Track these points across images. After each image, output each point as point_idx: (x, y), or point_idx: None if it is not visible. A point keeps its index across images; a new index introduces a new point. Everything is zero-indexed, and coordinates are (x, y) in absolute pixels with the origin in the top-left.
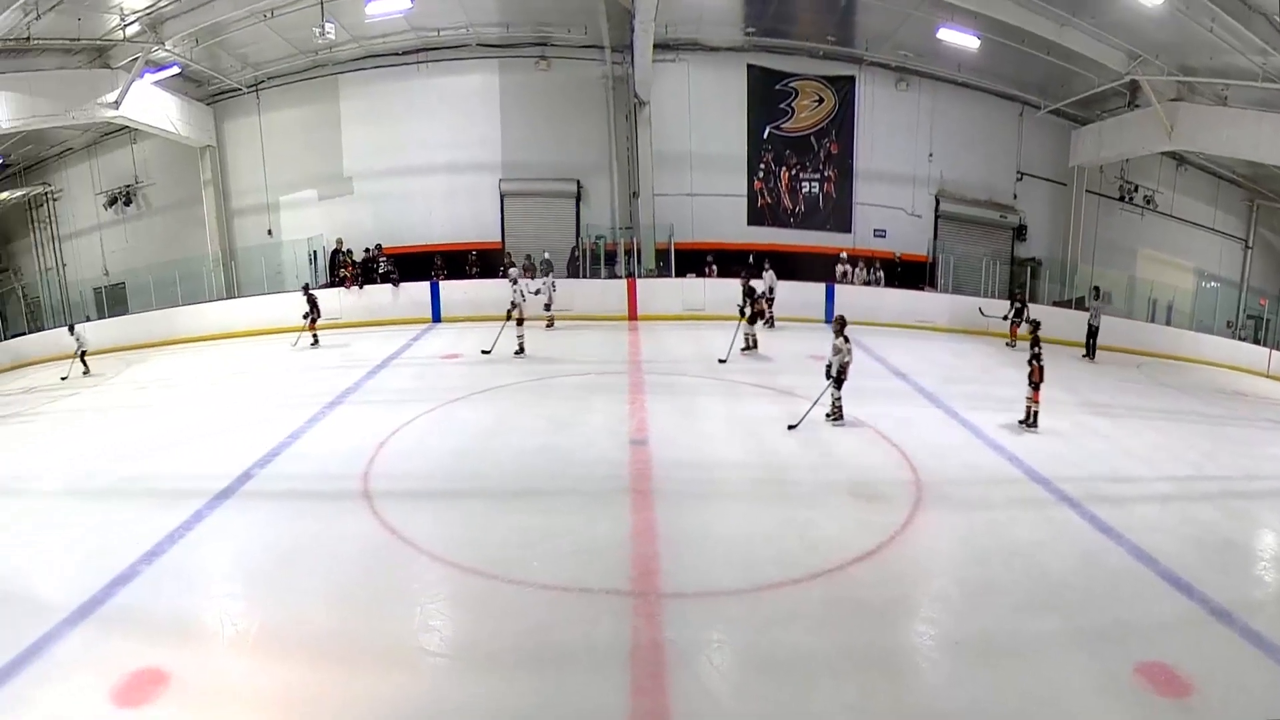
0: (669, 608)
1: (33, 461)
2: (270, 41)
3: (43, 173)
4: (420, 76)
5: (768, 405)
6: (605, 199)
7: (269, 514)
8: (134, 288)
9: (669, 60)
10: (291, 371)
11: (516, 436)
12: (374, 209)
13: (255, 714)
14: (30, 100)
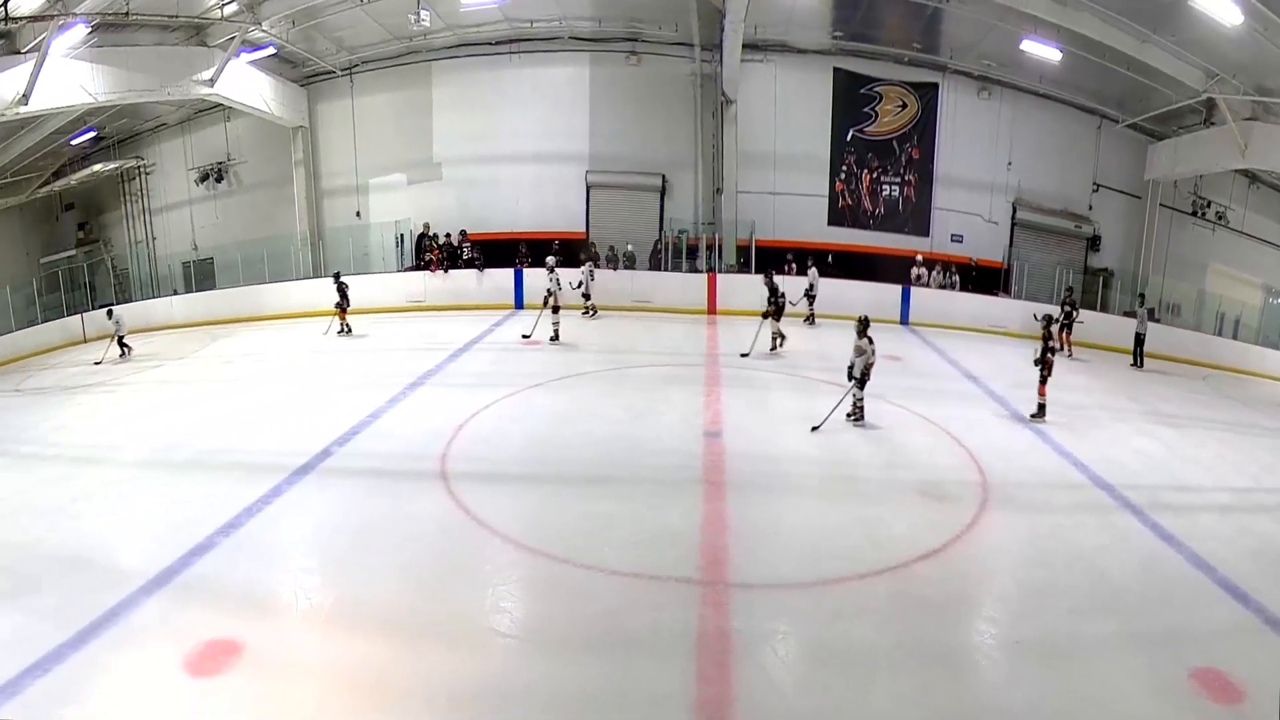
0: (736, 598)
1: (116, 431)
2: (366, 26)
3: (136, 146)
4: (512, 67)
5: (839, 401)
6: (689, 194)
7: (347, 491)
8: (222, 263)
9: (757, 60)
10: (374, 351)
11: (593, 424)
12: (461, 195)
13: (326, 688)
14: (127, 75)
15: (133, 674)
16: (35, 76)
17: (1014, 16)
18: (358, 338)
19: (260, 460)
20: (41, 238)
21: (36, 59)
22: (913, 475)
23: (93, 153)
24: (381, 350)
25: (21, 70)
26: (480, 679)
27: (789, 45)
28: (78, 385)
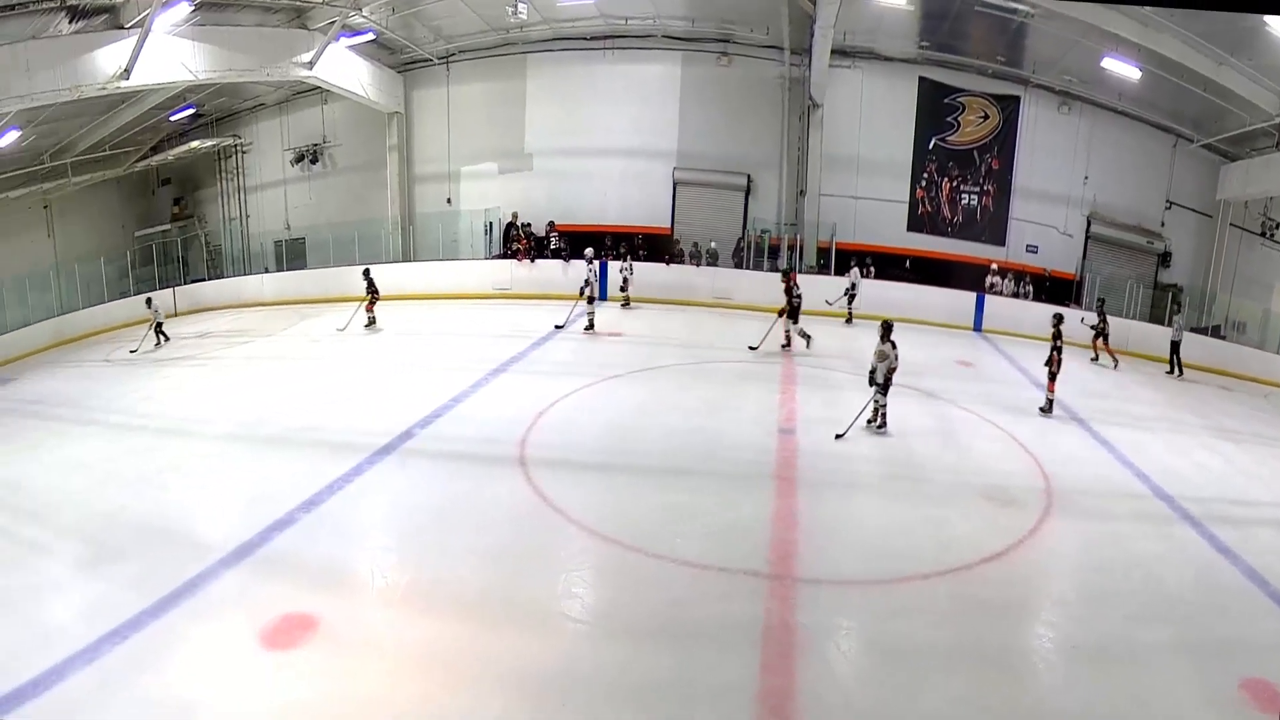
0: (803, 592)
1: (204, 405)
2: (464, 16)
3: (234, 125)
4: (605, 62)
5: (912, 405)
6: (773, 194)
7: (427, 473)
8: (313, 244)
9: (845, 66)
10: (459, 336)
11: (670, 416)
12: (550, 186)
13: (397, 666)
14: (227, 54)
15: (209, 644)
16: (137, 52)
17: (1096, 34)
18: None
19: (343, 439)
20: (137, 211)
21: (139, 35)
22: (979, 479)
23: (191, 129)
24: (466, 336)
25: (124, 45)
26: (549, 663)
27: (876, 53)
28: (166, 358)
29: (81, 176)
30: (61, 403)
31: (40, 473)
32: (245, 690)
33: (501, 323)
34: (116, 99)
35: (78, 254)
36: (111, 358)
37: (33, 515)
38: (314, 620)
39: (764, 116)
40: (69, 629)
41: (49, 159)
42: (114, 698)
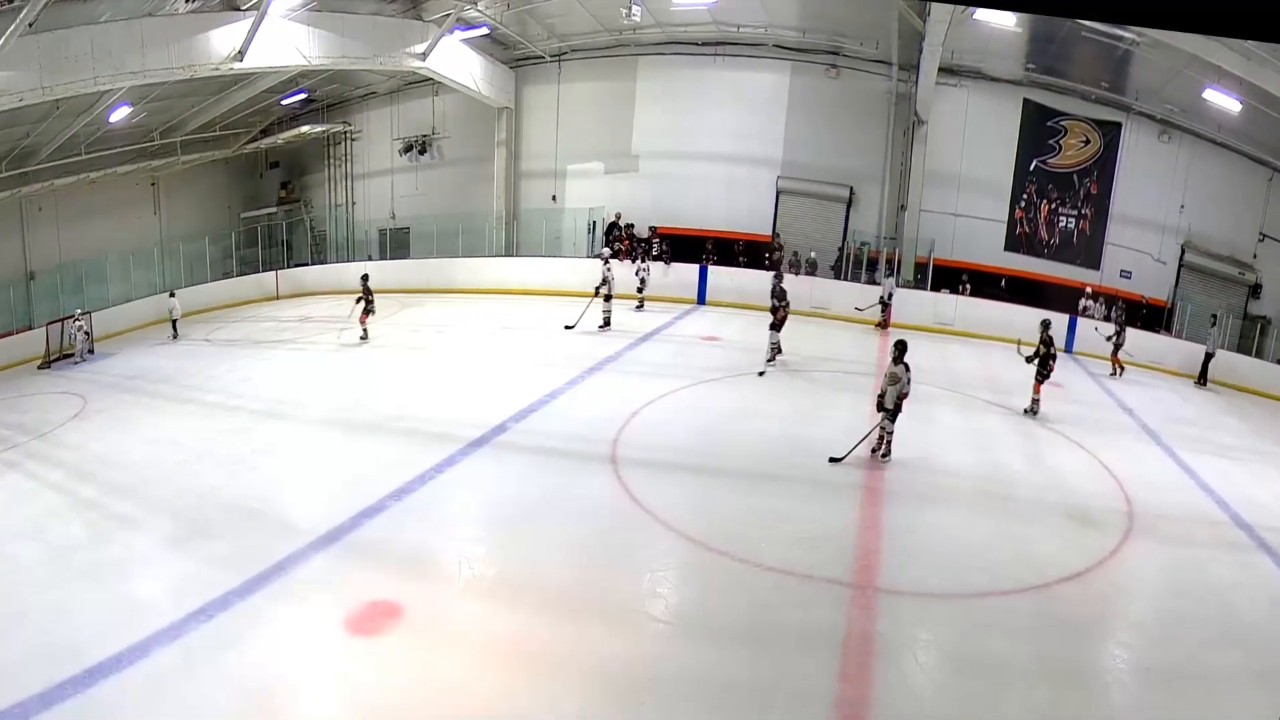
0: (884, 602)
1: (300, 388)
2: (578, 15)
3: (344, 112)
4: (715, 68)
5: (999, 422)
6: (874, 208)
7: (519, 467)
8: (417, 234)
9: (951, 84)
10: (558, 334)
11: (761, 422)
12: (654, 188)
13: (480, 657)
14: (341, 41)
15: (294, 626)
16: (252, 34)
17: (1199, 65)
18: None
19: (437, 429)
20: (244, 193)
21: (255, 17)
22: (1063, 499)
23: (301, 114)
24: (564, 334)
25: (239, 27)
26: (631, 660)
27: (983, 73)
28: (266, 340)
29: (190, 155)
30: (160, 379)
31: (135, 447)
32: (328, 674)
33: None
34: (229, 80)
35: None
36: (212, 337)
37: (125, 490)
38: (399, 608)
39: (869, 130)
40: (155, 605)
41: (159, 136)
42: (197, 676)
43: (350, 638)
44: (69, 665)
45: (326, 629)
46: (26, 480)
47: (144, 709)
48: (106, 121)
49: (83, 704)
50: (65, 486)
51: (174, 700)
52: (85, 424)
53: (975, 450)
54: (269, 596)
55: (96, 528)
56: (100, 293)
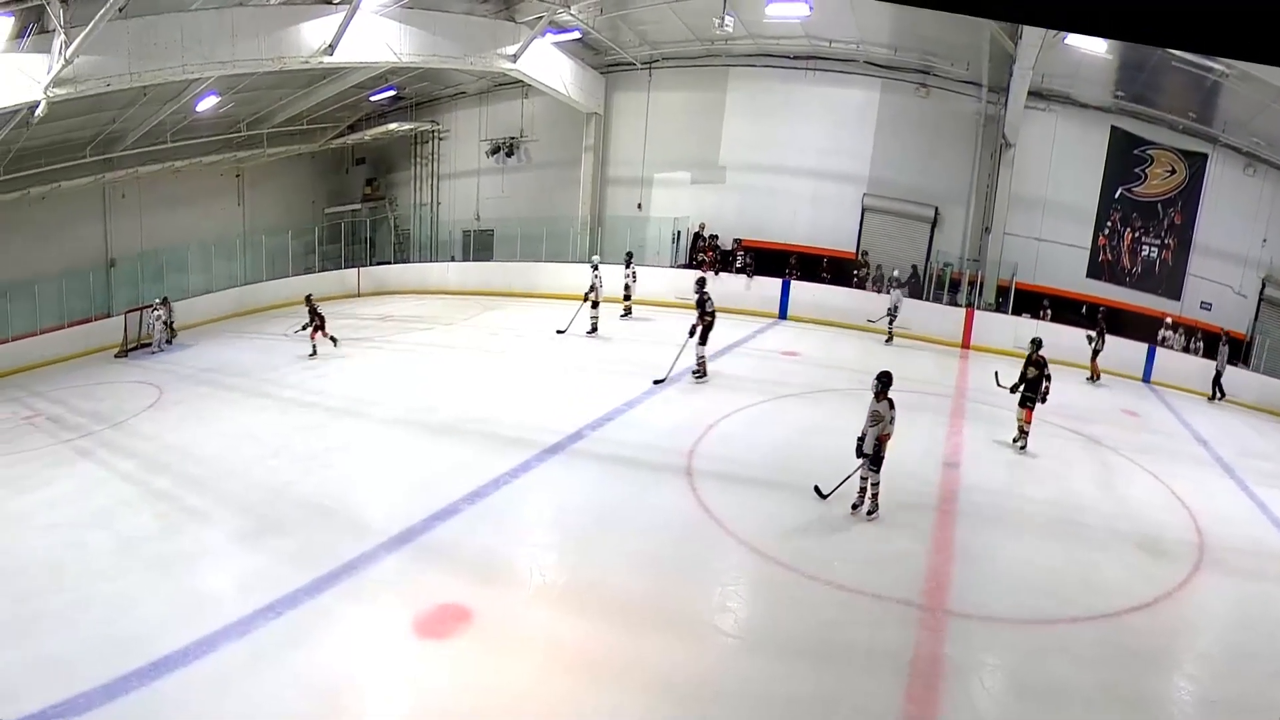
0: (953, 625)
1: (377, 387)
2: (670, 23)
3: (433, 111)
4: (806, 82)
5: (1076, 450)
6: (958, 229)
7: (593, 474)
8: (501, 236)
9: (1040, 109)
10: (638, 342)
11: (838, 439)
12: (740, 200)
13: (546, 664)
14: (432, 39)
15: (363, 626)
16: (343, 29)
17: None
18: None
19: (513, 434)
20: (328, 188)
21: (347, 11)
22: (1133, 527)
23: (390, 111)
24: (643, 342)
25: (330, 21)
26: (697, 673)
27: (1071, 98)
28: (344, 337)
29: (276, 148)
30: (237, 372)
31: (210, 440)
32: (395, 675)
33: (680, 332)
34: (318, 74)
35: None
36: (290, 333)
37: (198, 483)
38: (468, 612)
39: (956, 150)
40: (223, 600)
41: (245, 128)
42: (263, 673)
43: (419, 640)
44: (133, 657)
45: (395, 630)
46: (99, 469)
47: (208, 705)
48: (193, 110)
49: (146, 697)
50: (137, 477)
51: (239, 697)
52: (160, 414)
53: (1049, 475)
54: (338, 595)
55: (167, 519)
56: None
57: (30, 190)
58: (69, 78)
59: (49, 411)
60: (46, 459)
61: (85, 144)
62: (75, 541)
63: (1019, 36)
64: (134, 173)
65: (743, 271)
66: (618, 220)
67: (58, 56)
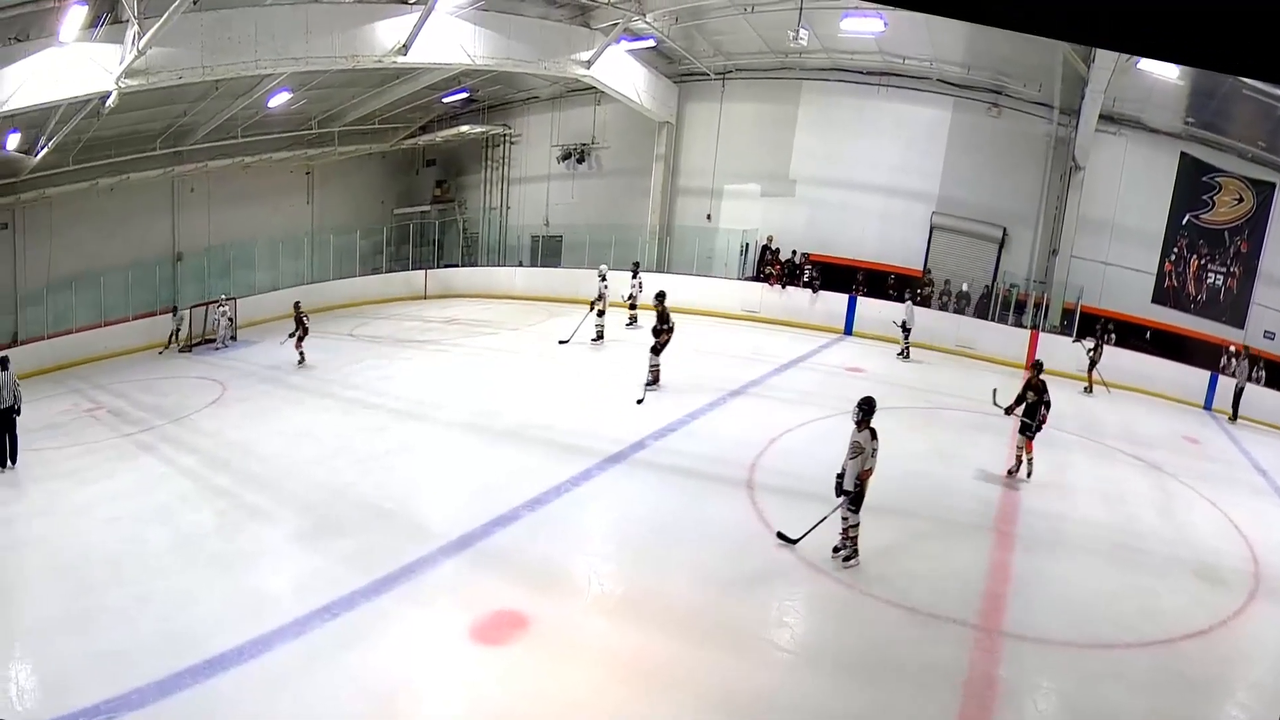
0: (1008, 646)
1: (440, 390)
2: (745, 35)
3: (505, 114)
4: (878, 98)
5: (1136, 475)
6: (1025, 250)
7: (654, 485)
8: (570, 243)
9: (1110, 132)
10: (702, 353)
11: (900, 458)
12: (810, 214)
13: (602, 673)
14: (507, 42)
15: (419, 630)
16: (418, 29)
17: None
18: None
19: (575, 442)
20: (398, 189)
21: (423, 12)
22: (1191, 555)
23: (462, 114)
24: (709, 354)
25: (405, 20)
26: (753, 687)
27: (1142, 123)
28: (409, 339)
29: (347, 147)
30: (300, 371)
31: (271, 439)
32: (450, 680)
33: (745, 345)
34: (391, 74)
35: (334, 224)
36: (356, 333)
37: (258, 481)
38: (525, 619)
39: (1026, 171)
40: (280, 599)
41: (316, 125)
42: (318, 674)
43: (475, 645)
44: (189, 654)
45: (452, 635)
46: (160, 464)
47: (263, 704)
48: (265, 106)
49: (201, 694)
50: (198, 473)
51: (293, 697)
52: (223, 411)
53: (1108, 500)
54: (396, 598)
55: (226, 517)
56: (246, 279)
57: (99, 181)
58: (141, 69)
59: (111, 404)
60: (108, 452)
61: (155, 136)
62: (135, 536)
63: (1092, 59)
64: (203, 167)
65: (809, 286)
66: (686, 230)
67: (130, 47)
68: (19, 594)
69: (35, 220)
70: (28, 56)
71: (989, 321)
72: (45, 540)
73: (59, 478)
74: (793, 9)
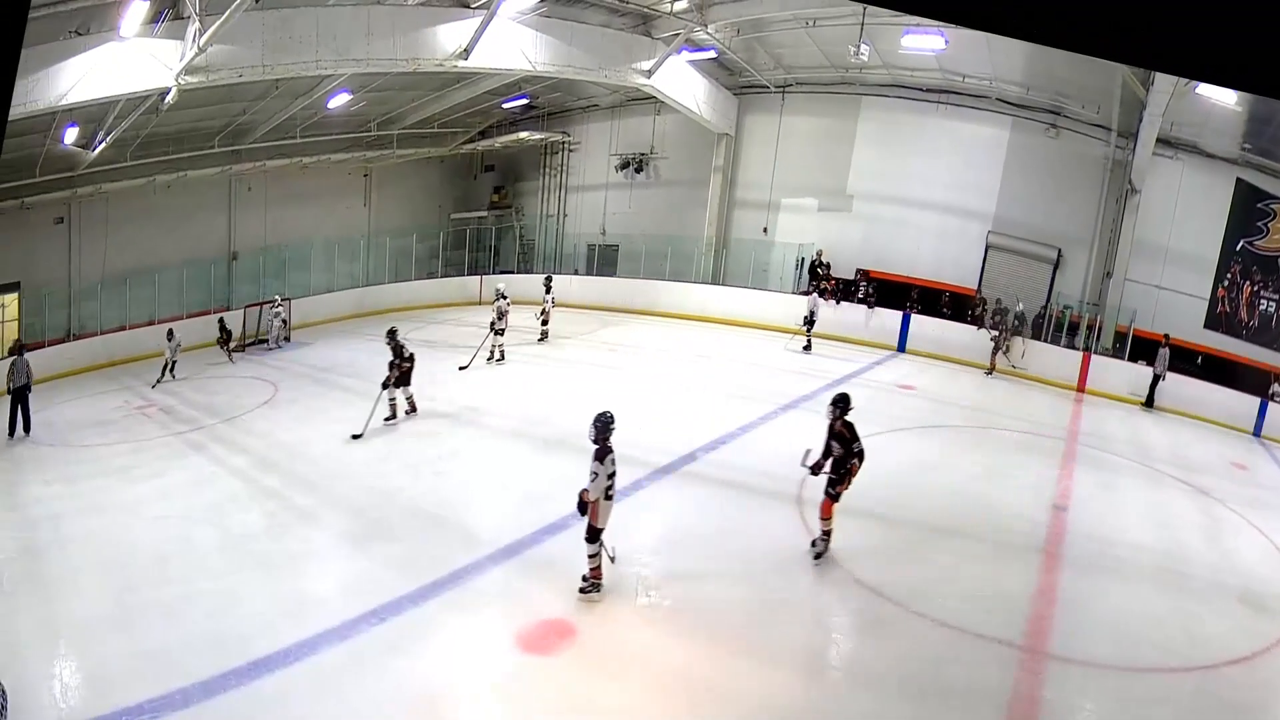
0: (1052, 668)
1: (492, 397)
2: (806, 49)
3: (564, 122)
4: (936, 116)
5: (1184, 500)
6: (1080, 272)
7: (703, 497)
8: (626, 252)
9: (1167, 156)
10: (754, 366)
11: (949, 475)
12: (865, 230)
13: (647, 685)
14: (568, 50)
15: (465, 637)
16: (479, 34)
17: None
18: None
19: (625, 452)
20: (455, 193)
21: (484, 17)
22: (1237, 580)
23: (521, 120)
24: (761, 367)
25: (467, 25)
26: (799, 704)
27: (1198, 147)
28: (463, 345)
29: (406, 150)
30: (353, 374)
31: (322, 441)
32: (494, 688)
33: (797, 359)
34: (451, 78)
35: (391, 227)
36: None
37: (308, 483)
38: (572, 628)
39: (1082, 193)
40: (327, 602)
41: (375, 128)
42: (363, 678)
43: (521, 654)
44: (234, 655)
45: (498, 643)
46: (210, 464)
47: (307, 707)
48: (324, 107)
49: (245, 696)
50: (248, 474)
51: (338, 701)
52: (274, 412)
53: (1156, 525)
54: (443, 605)
55: (275, 518)
56: (302, 280)
57: (156, 177)
58: (201, 66)
59: (162, 403)
60: (159, 450)
61: (214, 134)
62: (183, 535)
63: (1151, 82)
64: (261, 166)
65: (864, 302)
66: (742, 243)
67: (191, 44)
68: (65, 590)
69: (91, 216)
70: (87, 50)
71: (1041, 343)
72: (93, 537)
73: (109, 474)
74: (854, 24)
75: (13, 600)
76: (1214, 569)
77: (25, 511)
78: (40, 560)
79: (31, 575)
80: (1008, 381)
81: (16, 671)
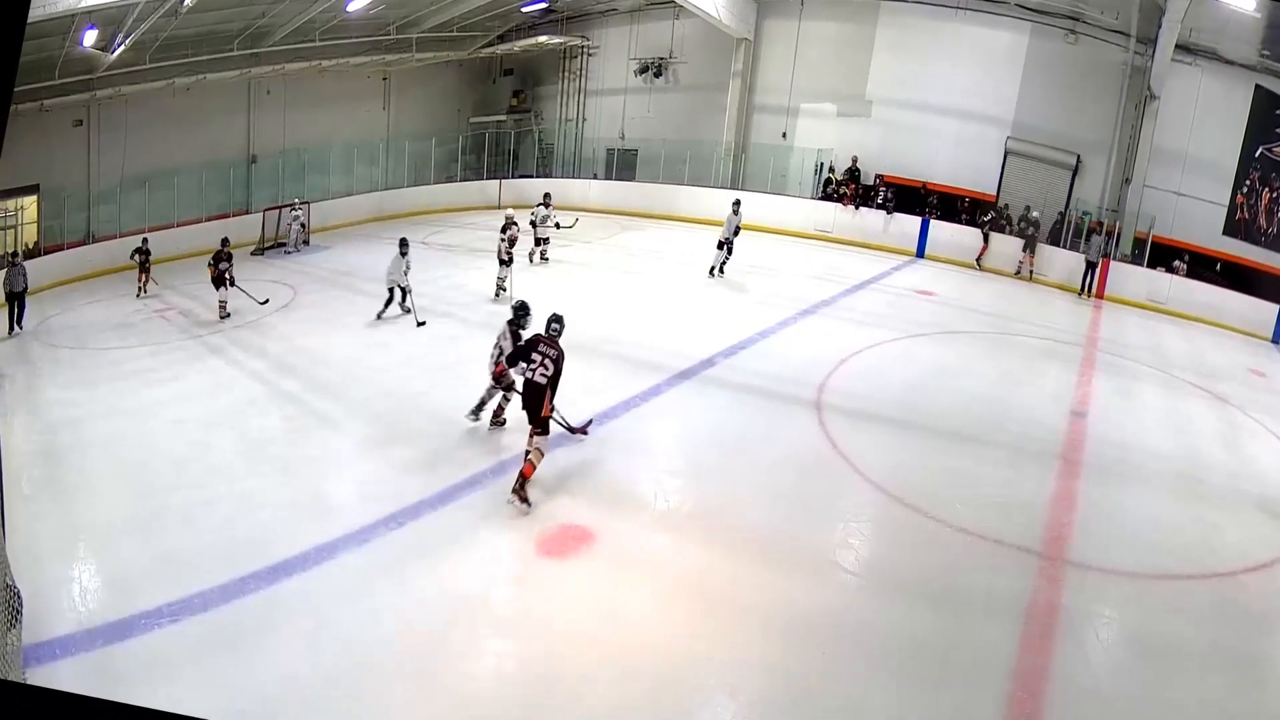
0: (1070, 575)
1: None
2: None
3: (584, 26)
4: (955, 21)
5: (1203, 407)
6: (1098, 178)
7: (722, 403)
8: (645, 157)
9: (1186, 62)
10: (773, 272)
11: (968, 381)
12: (884, 135)
13: (665, 589)
14: None
15: (484, 543)
16: None
17: None
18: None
19: (644, 357)
20: (474, 97)
21: None
22: (1255, 488)
23: (540, 24)
24: (780, 273)
25: None
26: (815, 609)
27: (1217, 54)
28: (482, 249)
29: (425, 54)
30: (372, 278)
31: (341, 345)
32: (512, 593)
33: (817, 264)
34: None
35: (410, 131)
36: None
37: (328, 388)
38: (591, 534)
39: (1101, 100)
40: (346, 507)
41: (395, 31)
42: (380, 583)
43: (540, 559)
44: (253, 559)
45: (517, 548)
46: (229, 367)
47: (325, 612)
48: (344, 10)
49: (263, 600)
50: (267, 377)
51: (355, 604)
52: (293, 315)
53: (1175, 431)
54: (461, 509)
55: (294, 422)
56: (321, 184)
57: (175, 80)
58: None
59: (182, 305)
60: (178, 353)
61: (233, 37)
62: (201, 439)
63: None
64: (280, 69)
65: (883, 207)
66: (761, 148)
67: None
68: (84, 494)
69: (110, 118)
70: None
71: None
72: (111, 440)
73: (127, 377)
74: None
75: (32, 504)
76: (1232, 476)
77: (44, 415)
78: (59, 464)
79: (50, 479)
80: (1027, 288)
81: (35, 575)
